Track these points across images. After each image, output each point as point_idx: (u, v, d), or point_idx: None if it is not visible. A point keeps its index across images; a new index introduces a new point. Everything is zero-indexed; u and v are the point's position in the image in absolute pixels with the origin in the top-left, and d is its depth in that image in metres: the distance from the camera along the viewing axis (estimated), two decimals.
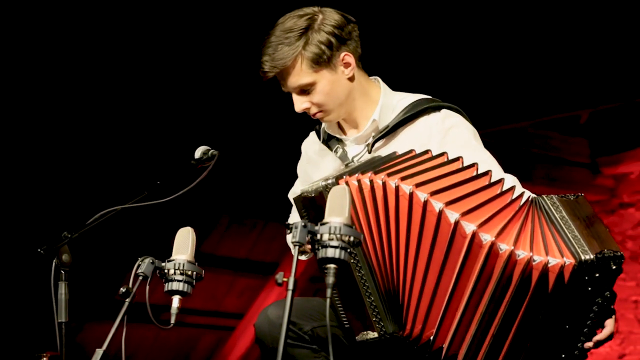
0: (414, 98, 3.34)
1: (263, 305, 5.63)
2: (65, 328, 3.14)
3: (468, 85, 6.40)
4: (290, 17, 3.25)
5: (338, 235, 2.55)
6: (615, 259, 2.88)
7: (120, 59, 6.23)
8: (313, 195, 2.95)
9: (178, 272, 2.88)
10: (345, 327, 3.03)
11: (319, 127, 3.45)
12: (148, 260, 2.90)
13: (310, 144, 3.52)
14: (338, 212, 2.60)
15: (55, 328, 3.13)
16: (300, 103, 3.27)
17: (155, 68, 6.33)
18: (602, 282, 2.89)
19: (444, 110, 3.30)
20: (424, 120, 3.29)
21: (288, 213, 3.52)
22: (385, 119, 3.31)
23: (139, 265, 2.89)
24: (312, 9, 3.26)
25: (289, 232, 2.61)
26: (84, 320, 6.72)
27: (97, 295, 6.53)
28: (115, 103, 6.36)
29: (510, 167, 3.37)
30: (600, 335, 2.97)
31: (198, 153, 3.27)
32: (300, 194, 2.98)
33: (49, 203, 6.20)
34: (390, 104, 3.33)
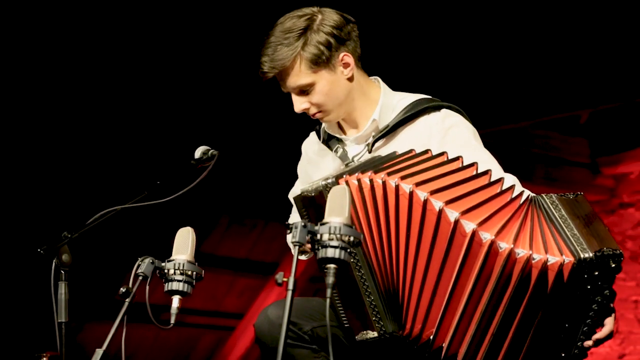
0: (414, 98, 3.34)
1: (263, 306, 5.62)
2: (65, 328, 3.13)
3: (468, 85, 6.40)
4: (290, 17, 3.25)
5: (338, 235, 2.55)
6: (615, 257, 2.89)
7: (120, 60, 6.23)
8: (313, 195, 2.95)
9: (178, 272, 2.88)
10: (345, 326, 3.03)
11: (319, 127, 3.45)
12: (148, 260, 2.90)
13: (310, 144, 3.52)
14: (338, 212, 2.60)
15: (55, 328, 3.13)
16: (300, 103, 3.28)
17: (155, 68, 6.33)
18: (601, 280, 2.90)
19: (444, 110, 3.30)
20: (424, 120, 3.29)
21: (288, 213, 3.52)
22: (385, 119, 3.31)
23: (139, 265, 2.89)
24: (311, 10, 3.26)
25: (289, 232, 2.61)
26: (84, 320, 6.71)
27: (97, 295, 6.52)
28: (115, 103, 6.36)
29: (510, 167, 3.36)
30: (600, 334, 2.97)
31: (198, 153, 3.27)
32: (301, 193, 2.98)
33: (49, 203, 6.20)
34: (390, 104, 3.33)
